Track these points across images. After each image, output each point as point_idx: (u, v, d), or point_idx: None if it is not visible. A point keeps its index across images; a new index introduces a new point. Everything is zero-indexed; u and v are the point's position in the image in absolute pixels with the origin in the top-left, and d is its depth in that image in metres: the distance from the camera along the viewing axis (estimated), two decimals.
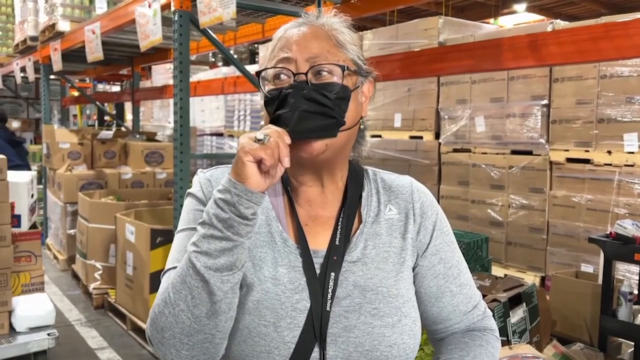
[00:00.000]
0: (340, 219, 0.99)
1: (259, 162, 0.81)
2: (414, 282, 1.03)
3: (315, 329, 0.91)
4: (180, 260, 0.89)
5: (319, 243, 0.98)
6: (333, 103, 0.92)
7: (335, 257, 0.95)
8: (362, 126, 1.03)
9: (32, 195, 3.47)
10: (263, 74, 0.97)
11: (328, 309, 0.92)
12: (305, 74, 0.92)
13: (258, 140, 0.81)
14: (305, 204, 1.01)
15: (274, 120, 0.90)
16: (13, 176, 3.22)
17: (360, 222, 1.01)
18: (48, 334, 2.94)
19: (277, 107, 0.92)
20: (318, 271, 0.95)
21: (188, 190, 1.01)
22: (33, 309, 2.99)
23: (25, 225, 3.24)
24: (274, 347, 0.89)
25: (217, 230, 0.82)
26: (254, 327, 0.90)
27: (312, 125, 0.90)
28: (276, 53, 0.97)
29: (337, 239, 0.97)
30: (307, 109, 0.89)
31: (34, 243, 3.15)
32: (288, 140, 0.84)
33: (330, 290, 0.93)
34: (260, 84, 0.98)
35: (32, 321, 2.97)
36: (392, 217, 1.03)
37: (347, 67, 0.95)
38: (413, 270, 1.03)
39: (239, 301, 0.89)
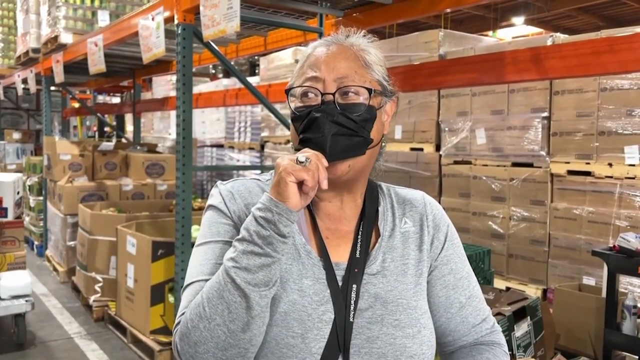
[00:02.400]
0: (360, 232, 1.02)
1: (300, 183, 0.84)
2: None
3: (339, 340, 0.93)
4: (206, 273, 0.91)
5: (339, 256, 1.00)
6: (358, 125, 0.95)
7: (356, 270, 0.98)
8: (383, 144, 1.06)
9: (18, 193, 4.27)
10: (291, 90, 1.00)
11: (351, 320, 0.94)
12: (333, 94, 0.95)
13: (299, 163, 0.85)
14: (326, 217, 1.03)
15: (304, 142, 0.94)
16: (1, 176, 4.21)
17: (377, 236, 1.04)
18: (26, 300, 3.74)
19: (304, 128, 0.95)
20: (340, 283, 0.97)
21: (209, 203, 1.02)
22: (14, 281, 3.75)
23: (11, 216, 3.99)
24: (301, 359, 0.91)
25: (257, 246, 0.84)
26: (281, 339, 0.91)
27: (344, 146, 0.93)
28: (305, 70, 0.99)
29: (358, 252, 0.99)
30: (338, 132, 0.93)
31: (17, 230, 3.93)
32: (326, 163, 0.88)
33: (352, 302, 0.95)
34: (288, 99, 1.01)
35: (13, 291, 3.73)
36: (408, 229, 1.06)
37: (374, 89, 0.98)
38: None
39: None
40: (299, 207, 0.86)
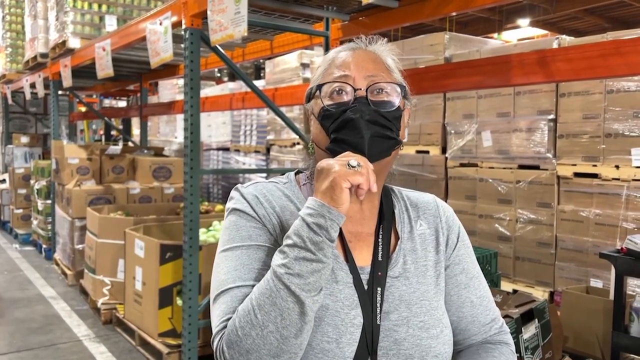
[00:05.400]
0: (380, 235, 1.03)
1: (350, 188, 0.86)
2: None
3: (368, 343, 0.94)
4: (245, 278, 0.92)
5: (362, 259, 1.01)
6: (391, 123, 0.97)
7: (379, 273, 1.00)
8: (401, 148, 1.08)
9: None
10: (316, 91, 1.02)
11: (378, 323, 0.96)
12: (366, 90, 0.97)
13: (351, 167, 0.85)
14: (347, 220, 1.03)
15: (337, 142, 0.95)
16: None
17: (397, 238, 1.05)
18: None
19: (338, 128, 0.96)
20: (365, 287, 0.98)
21: (233, 207, 1.02)
22: None
23: None
24: None
25: (310, 252, 0.84)
26: (316, 344, 0.92)
27: (380, 148, 0.96)
28: (332, 71, 1.01)
29: (379, 255, 1.01)
30: (374, 134, 0.95)
31: None
32: (371, 166, 0.89)
33: (378, 305, 0.97)
34: (313, 99, 1.03)
35: None
36: (424, 232, 1.08)
37: (405, 86, 1.01)
38: None
39: None
40: (346, 212, 0.87)
